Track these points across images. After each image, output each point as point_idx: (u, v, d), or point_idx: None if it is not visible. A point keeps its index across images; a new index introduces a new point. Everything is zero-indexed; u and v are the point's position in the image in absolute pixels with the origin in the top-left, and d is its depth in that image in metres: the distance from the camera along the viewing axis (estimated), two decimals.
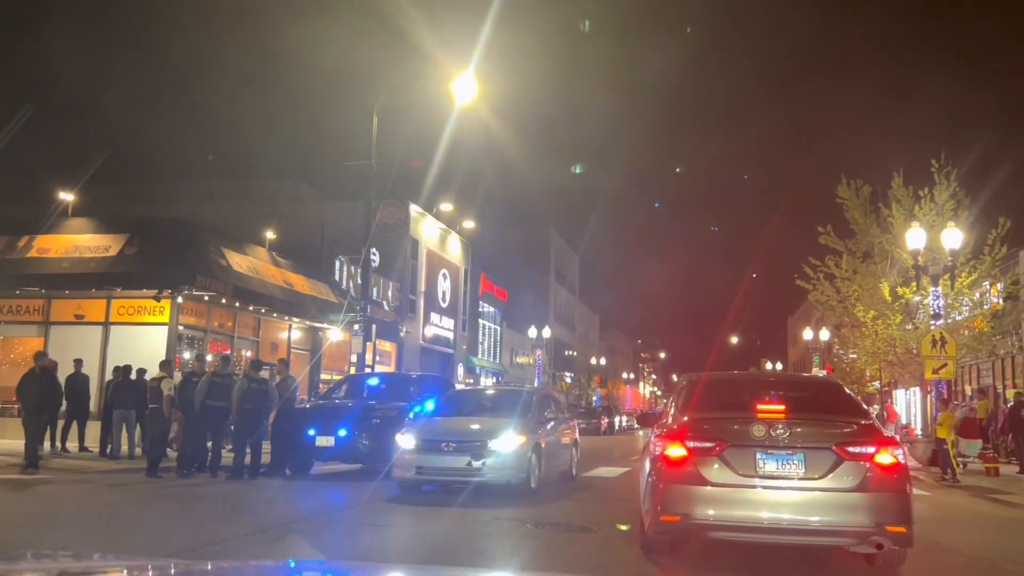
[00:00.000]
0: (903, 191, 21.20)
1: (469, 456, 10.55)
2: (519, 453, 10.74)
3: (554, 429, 12.65)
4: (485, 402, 13.45)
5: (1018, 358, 24.42)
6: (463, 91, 18.18)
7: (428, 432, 11.30)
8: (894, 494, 6.13)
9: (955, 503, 12.80)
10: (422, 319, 33.77)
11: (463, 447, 10.71)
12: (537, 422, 11.86)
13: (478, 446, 10.65)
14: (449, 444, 10.82)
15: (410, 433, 11.28)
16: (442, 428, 11.50)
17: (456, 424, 11.67)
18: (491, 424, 11.31)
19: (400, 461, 10.99)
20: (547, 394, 14.66)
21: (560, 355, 64.70)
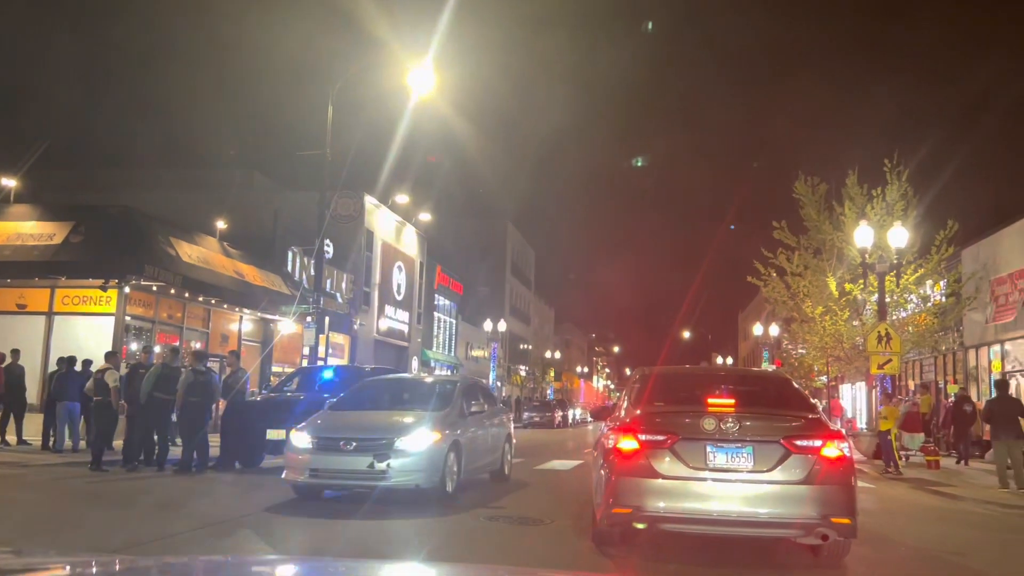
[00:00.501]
0: (857, 189, 21.65)
1: (372, 456, 9.16)
2: (433, 452, 9.41)
3: (481, 423, 11.34)
4: (401, 393, 11.75)
5: (959, 354, 25.14)
6: (420, 83, 18.03)
7: (327, 428, 9.94)
8: (839, 486, 6.23)
9: (898, 495, 13.13)
10: (376, 312, 33.51)
11: (365, 445, 9.30)
12: (460, 415, 10.59)
13: (383, 444, 9.27)
14: (349, 442, 9.36)
15: (306, 429, 9.84)
16: (344, 423, 10.11)
17: (361, 419, 10.31)
18: (402, 419, 10.02)
19: (292, 462, 9.59)
20: (474, 383, 13.01)
21: (515, 349, 64.80)
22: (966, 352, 24.69)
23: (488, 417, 11.87)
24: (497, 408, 13.02)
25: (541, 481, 13.42)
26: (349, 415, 10.51)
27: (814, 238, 22.82)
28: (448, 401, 10.73)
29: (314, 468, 9.44)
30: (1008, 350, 22.27)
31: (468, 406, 11.06)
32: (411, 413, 10.30)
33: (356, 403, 11.10)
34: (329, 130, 19.55)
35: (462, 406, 10.85)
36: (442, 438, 9.67)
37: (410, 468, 9.22)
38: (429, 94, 18.74)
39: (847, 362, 23.65)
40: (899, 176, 21.18)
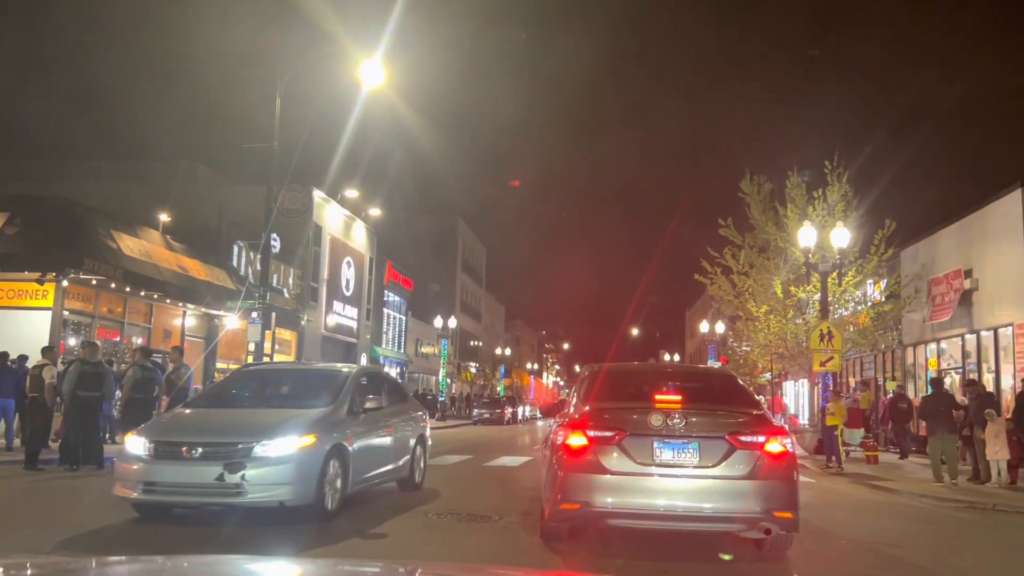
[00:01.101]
0: (798, 190, 22.09)
1: (222, 465, 7.37)
2: (304, 459, 7.61)
3: (379, 423, 9.37)
4: (279, 386, 9.81)
5: (898, 352, 25.85)
6: (370, 76, 17.87)
7: (171, 429, 8.26)
8: (782, 481, 6.34)
9: (839, 489, 13.45)
10: (324, 307, 33.13)
11: (214, 452, 7.53)
12: (350, 413, 8.71)
13: (238, 450, 7.49)
14: (194, 448, 7.57)
15: (144, 432, 8.05)
16: (193, 424, 8.41)
17: (216, 418, 8.54)
18: (270, 418, 8.23)
19: (122, 472, 7.76)
20: (374, 374, 11.17)
21: (466, 345, 64.71)
22: (904, 350, 25.38)
23: (392, 415, 9.88)
24: (406, 405, 10.98)
25: (490, 477, 13.43)
26: (204, 414, 8.76)
27: (759, 237, 23.22)
28: (336, 396, 8.78)
29: (149, 481, 7.55)
30: (944, 348, 22.97)
31: (362, 402, 9.04)
32: (284, 410, 8.50)
33: (218, 398, 9.43)
34: (277, 123, 19.23)
35: (353, 401, 8.89)
36: (317, 441, 7.81)
37: (273, 480, 7.45)
38: (379, 88, 18.59)
39: (790, 359, 24.12)
40: (839, 178, 21.68)
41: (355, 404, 8.92)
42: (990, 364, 20.05)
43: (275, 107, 19.21)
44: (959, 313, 21.07)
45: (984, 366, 20.27)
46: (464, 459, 16.73)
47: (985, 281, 20.12)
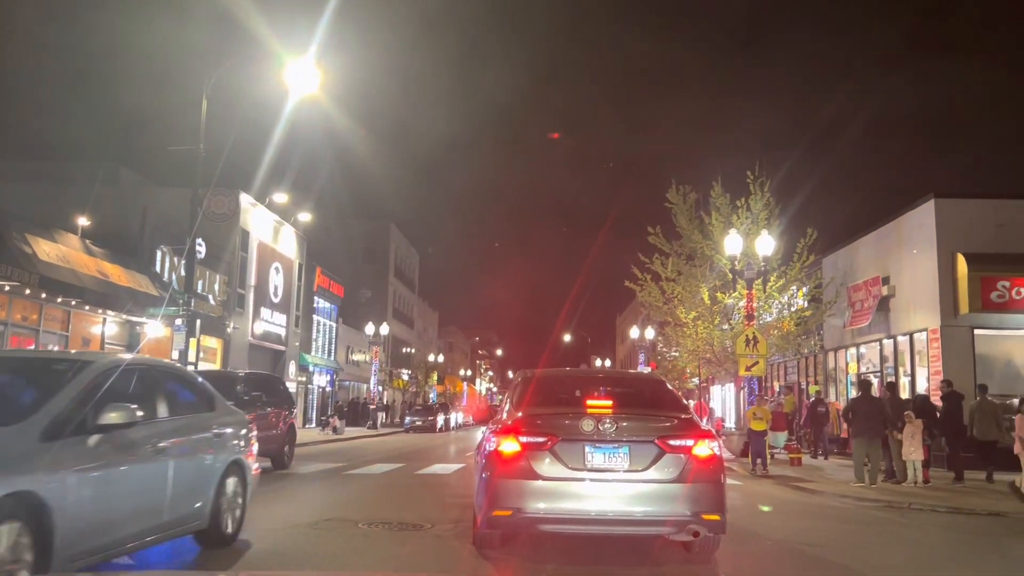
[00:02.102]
0: (722, 199, 22.62)
1: None
2: None
3: (137, 448, 5.74)
4: None
5: (819, 357, 26.67)
6: (301, 79, 17.57)
7: None
8: (710, 484, 6.43)
9: (764, 491, 13.77)
10: (252, 314, 32.42)
11: None
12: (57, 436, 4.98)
13: None
14: None
15: None
16: None
17: None
18: None
19: None
20: (141, 369, 6.48)
21: (398, 352, 64.17)
22: (826, 355, 26.21)
23: (175, 433, 6.39)
24: (212, 415, 7.26)
25: (422, 486, 13.32)
26: None
27: (686, 245, 23.70)
28: (41, 405, 5.17)
29: None
30: (863, 352, 23.80)
31: (96, 414, 5.34)
32: None
33: None
34: (203, 125, 18.77)
35: (73, 414, 5.23)
36: None
37: None
38: (312, 92, 18.28)
39: (717, 364, 24.64)
40: (762, 187, 22.30)
41: (78, 418, 5.25)
42: (906, 368, 20.85)
43: (201, 108, 18.75)
44: (877, 319, 21.87)
45: (901, 370, 21.08)
46: (395, 467, 16.57)
47: (901, 288, 20.94)
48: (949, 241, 18.80)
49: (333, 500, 11.34)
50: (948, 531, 9.66)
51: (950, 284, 18.59)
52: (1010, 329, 18.64)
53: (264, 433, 14.73)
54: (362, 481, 14.03)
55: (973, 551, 8.56)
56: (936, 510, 11.24)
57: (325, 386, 46.13)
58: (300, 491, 12.59)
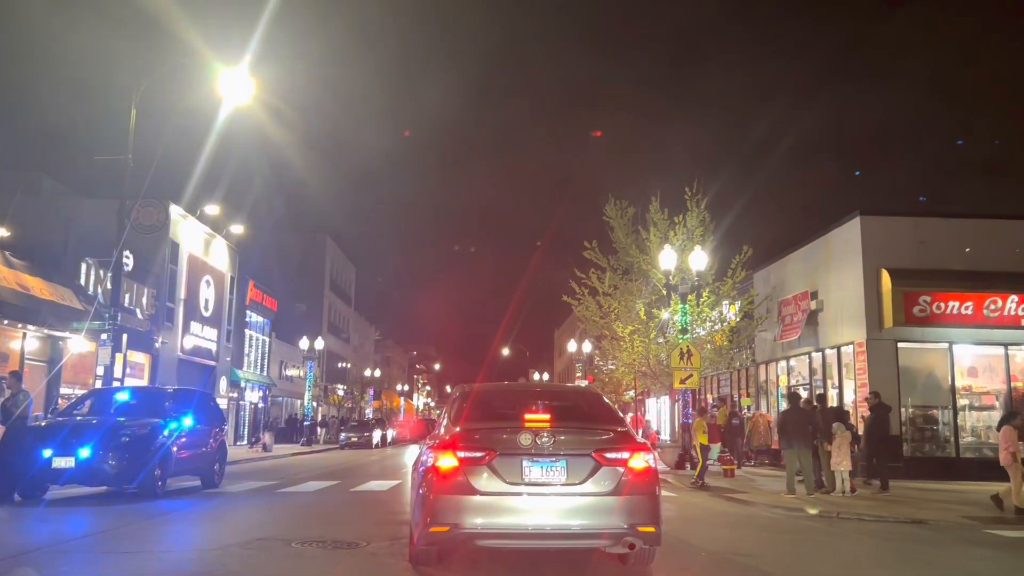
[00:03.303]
0: (659, 215, 23.00)
1: None
2: None
3: None
4: None
5: (751, 370, 27.24)
6: (235, 89, 17.28)
7: None
8: (645, 496, 6.47)
9: (698, 503, 13.95)
10: (181, 329, 31.55)
11: None
12: None
13: None
14: None
15: None
16: None
17: None
18: None
19: None
20: None
21: (333, 367, 63.25)
22: (757, 368, 26.80)
23: None
24: None
25: (357, 503, 13.12)
26: None
27: (623, 260, 23.99)
28: None
29: None
30: (793, 365, 24.40)
31: None
32: None
33: None
34: (132, 134, 18.28)
35: None
36: None
37: None
38: (245, 102, 17.98)
39: (653, 377, 24.96)
40: (698, 203, 22.75)
41: None
42: (834, 380, 21.46)
43: (130, 117, 18.26)
44: (806, 332, 22.46)
45: (829, 382, 21.67)
46: (329, 485, 16.28)
47: (829, 302, 21.56)
48: (874, 257, 19.45)
49: (265, 519, 11.07)
50: (874, 539, 9.93)
51: (875, 299, 19.22)
52: (931, 342, 19.36)
53: (193, 451, 14.35)
54: (295, 499, 13.74)
55: (898, 558, 8.81)
56: (863, 519, 11.55)
57: (257, 402, 45.16)
58: (231, 510, 12.26)
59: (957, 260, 19.15)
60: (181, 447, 13.75)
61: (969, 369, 19.69)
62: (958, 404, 19.27)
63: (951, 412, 19.20)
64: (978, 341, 19.37)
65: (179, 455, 13.62)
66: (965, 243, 19.46)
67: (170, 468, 13.28)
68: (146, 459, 12.44)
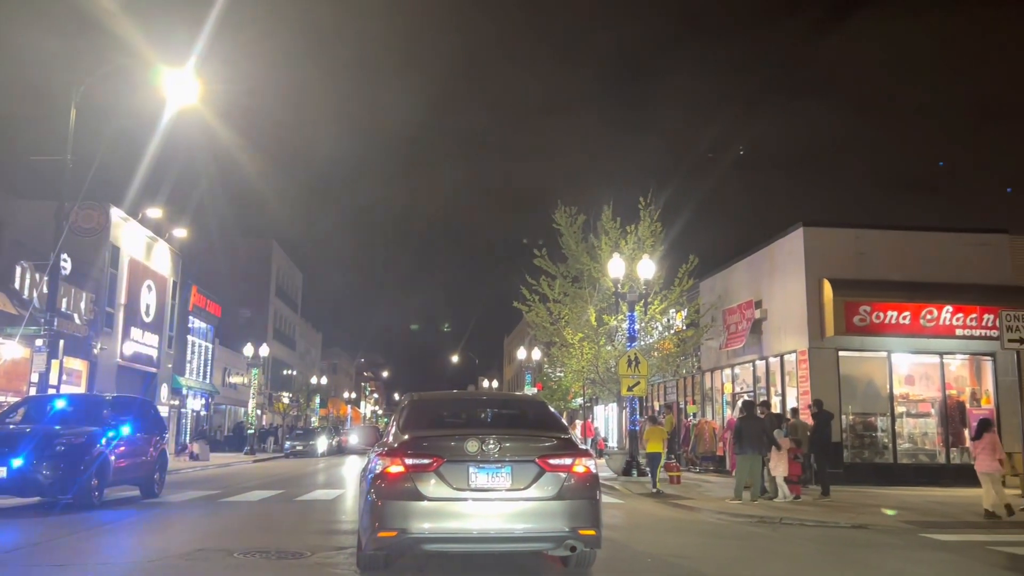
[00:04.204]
0: (611, 224, 23.19)
1: None
2: None
3: None
4: None
5: (697, 377, 27.61)
6: (179, 90, 16.96)
7: None
8: (587, 501, 6.67)
9: (645, 509, 14.06)
10: (121, 335, 30.73)
11: None
12: None
13: None
14: None
15: None
16: None
17: None
18: None
19: None
20: None
21: (279, 374, 62.28)
22: (703, 375, 27.16)
23: None
24: None
25: (302, 512, 12.91)
26: None
27: (573, 267, 24.12)
28: None
29: None
30: (738, 373, 24.80)
31: None
32: None
33: None
34: (71, 134, 17.78)
35: None
36: None
37: None
38: (190, 103, 17.66)
39: (601, 384, 25.12)
40: (651, 214, 23.02)
41: None
42: (777, 388, 21.85)
43: (69, 117, 17.77)
44: (751, 340, 22.85)
45: (772, 390, 22.06)
46: (274, 494, 16.01)
47: (773, 311, 21.97)
48: (816, 268, 19.89)
49: (207, 529, 10.82)
50: (816, 543, 10.12)
51: (817, 308, 19.65)
52: (871, 351, 19.85)
53: (133, 460, 13.97)
54: (239, 509, 13.47)
55: (838, 561, 8.99)
56: (805, 524, 11.77)
57: (200, 410, 44.21)
58: (172, 520, 11.96)
59: (896, 271, 19.69)
60: (120, 456, 13.40)
61: (906, 377, 20.24)
62: (896, 411, 19.79)
63: (889, 419, 19.71)
64: (915, 350, 19.93)
65: (117, 464, 13.27)
66: (903, 255, 20.04)
67: (108, 478, 12.94)
68: (82, 468, 12.11)
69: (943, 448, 19.75)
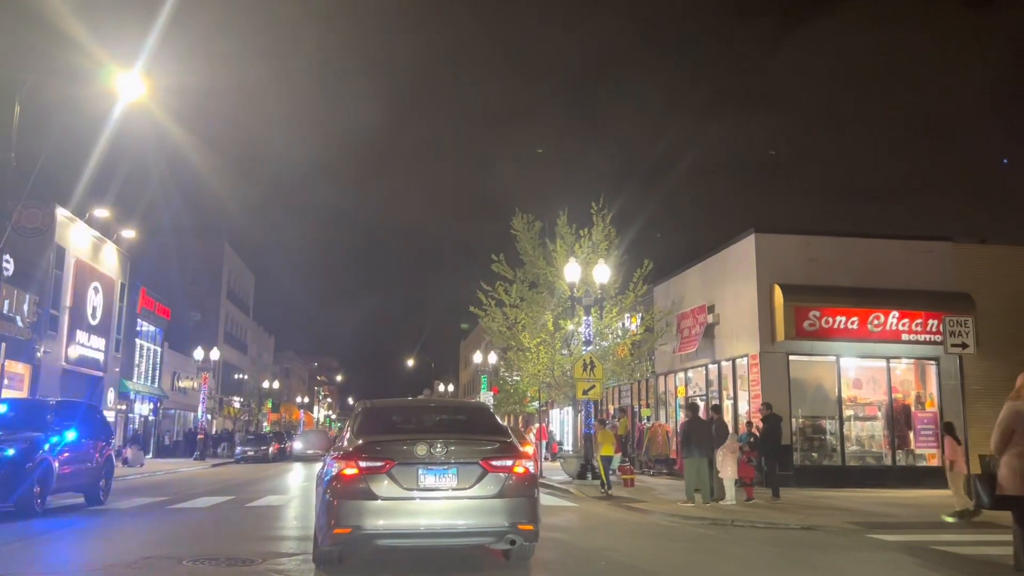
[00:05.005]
0: (566, 229, 23.31)
1: None
2: None
3: None
4: None
5: (651, 381, 27.85)
6: (128, 89, 16.61)
7: None
8: (525, 498, 7.24)
9: (599, 512, 14.13)
10: (66, 338, 29.95)
11: None
12: None
13: None
14: None
15: None
16: None
17: None
18: None
19: None
20: None
21: (230, 378, 61.29)
22: (657, 379, 27.41)
23: None
24: None
25: (253, 518, 12.71)
26: None
27: (529, 272, 24.19)
28: None
29: None
30: (691, 377, 25.08)
31: None
32: None
33: None
34: (15, 132, 17.30)
35: None
36: None
37: None
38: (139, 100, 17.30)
39: (557, 388, 25.20)
40: (603, 218, 23.18)
41: None
42: (729, 391, 22.15)
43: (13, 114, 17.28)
44: (703, 345, 23.13)
45: (724, 393, 22.35)
46: (224, 500, 15.73)
47: (725, 316, 22.27)
48: (767, 273, 20.21)
49: (155, 537, 10.59)
50: (767, 545, 10.27)
51: (768, 313, 19.97)
52: (820, 355, 20.24)
53: (77, 466, 13.61)
54: (188, 515, 13.21)
55: (788, 563, 9.12)
56: (756, 526, 11.94)
57: (148, 415, 43.29)
58: (118, 528, 11.67)
59: (844, 277, 20.10)
60: (64, 462, 13.04)
61: (854, 381, 20.67)
62: (844, 415, 20.18)
63: (838, 422, 20.10)
64: (863, 355, 20.36)
65: (62, 471, 12.92)
66: (852, 261, 20.46)
67: (51, 484, 12.58)
68: (24, 475, 11.78)
69: (889, 450, 20.20)
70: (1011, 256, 21.39)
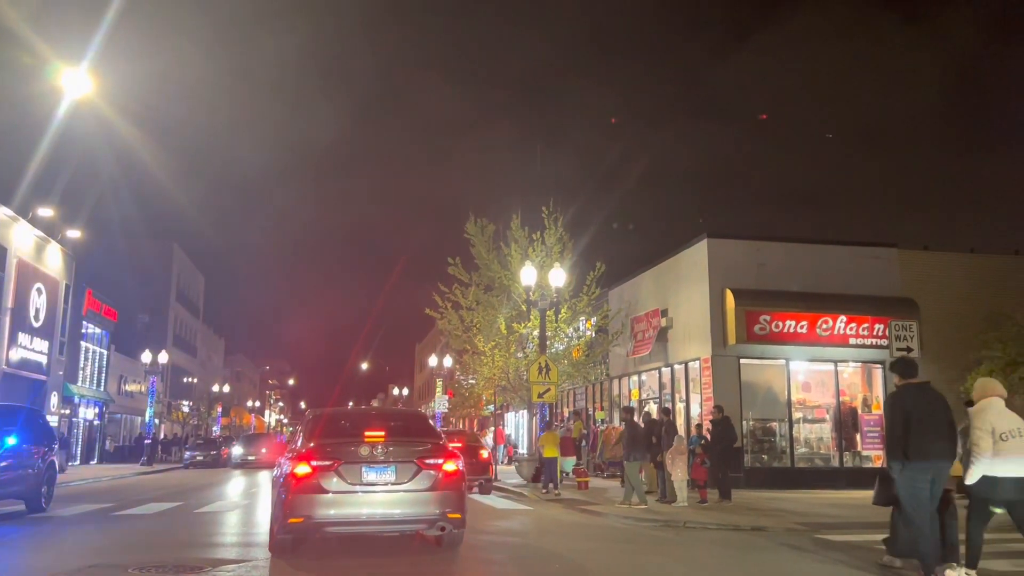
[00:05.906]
0: (520, 232, 23.35)
1: None
2: None
3: None
4: None
5: (606, 384, 28.03)
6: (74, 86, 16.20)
7: None
8: (454, 491, 8.34)
9: (553, 515, 14.16)
10: (7, 340, 29.05)
11: None
12: None
13: None
14: None
15: None
16: None
17: None
18: None
19: None
20: None
21: (178, 382, 60.11)
22: (611, 382, 27.60)
23: None
24: None
25: (202, 525, 12.47)
26: None
27: (485, 275, 24.17)
28: None
29: None
30: (644, 380, 25.30)
31: None
32: None
33: None
34: None
35: None
36: None
37: None
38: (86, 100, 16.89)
39: (512, 391, 25.21)
40: (555, 222, 23.29)
41: None
42: (682, 394, 22.40)
43: None
44: (657, 348, 23.35)
45: (677, 396, 22.60)
46: (172, 506, 15.42)
47: (678, 320, 22.52)
48: (719, 278, 20.50)
49: (100, 544, 10.32)
50: (717, 546, 10.40)
51: (720, 317, 20.24)
52: (770, 359, 20.58)
53: (18, 472, 13.22)
54: (134, 522, 12.91)
55: (738, 564, 9.26)
56: (708, 527, 12.08)
57: (93, 419, 42.22)
58: (61, 536, 11.36)
59: (794, 282, 20.48)
60: (3, 469, 12.65)
61: (803, 384, 21.06)
62: (793, 417, 20.55)
63: (787, 425, 20.45)
64: (812, 358, 20.76)
65: (1, 477, 12.52)
66: (801, 266, 20.86)
67: None
68: None
69: (837, 452, 20.61)
70: (953, 262, 22.04)
